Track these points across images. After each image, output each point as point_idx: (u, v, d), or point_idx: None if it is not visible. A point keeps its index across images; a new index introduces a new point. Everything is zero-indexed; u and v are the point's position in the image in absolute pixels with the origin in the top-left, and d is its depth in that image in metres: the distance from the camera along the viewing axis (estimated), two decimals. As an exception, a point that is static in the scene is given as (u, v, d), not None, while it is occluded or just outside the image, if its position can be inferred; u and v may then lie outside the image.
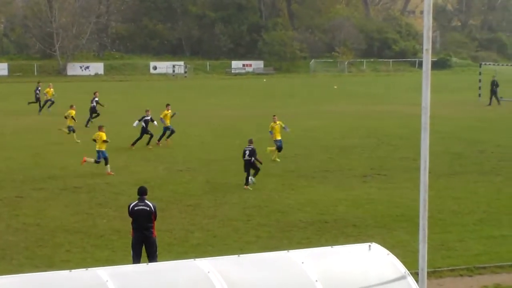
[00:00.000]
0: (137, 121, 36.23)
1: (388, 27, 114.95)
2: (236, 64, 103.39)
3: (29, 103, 53.50)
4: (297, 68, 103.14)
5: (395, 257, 11.15)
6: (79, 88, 75.58)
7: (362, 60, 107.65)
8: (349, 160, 32.13)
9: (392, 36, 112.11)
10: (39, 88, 54.33)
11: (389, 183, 27.57)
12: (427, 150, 11.74)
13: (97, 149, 29.99)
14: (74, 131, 38.40)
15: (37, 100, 53.41)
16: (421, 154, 11.66)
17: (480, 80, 62.63)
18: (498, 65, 78.73)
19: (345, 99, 62.22)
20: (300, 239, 20.21)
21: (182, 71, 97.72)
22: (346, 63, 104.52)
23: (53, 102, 52.22)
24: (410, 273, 11.01)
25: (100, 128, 30.63)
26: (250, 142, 27.96)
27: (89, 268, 10.57)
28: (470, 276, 17.56)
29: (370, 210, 23.43)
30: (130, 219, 17.03)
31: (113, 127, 39.88)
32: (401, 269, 10.99)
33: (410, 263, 13.30)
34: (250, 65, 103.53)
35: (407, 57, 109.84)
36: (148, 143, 35.98)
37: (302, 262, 10.74)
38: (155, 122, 36.43)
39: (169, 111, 37.29)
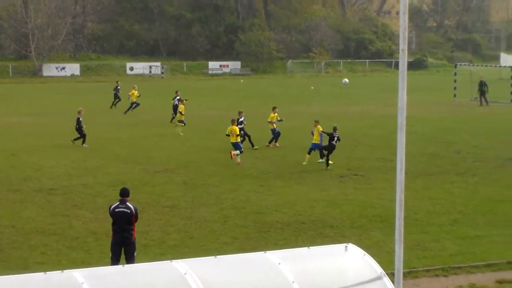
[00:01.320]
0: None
1: (364, 28, 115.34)
2: (213, 65, 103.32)
3: (113, 104, 54.67)
4: (274, 69, 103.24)
5: (371, 257, 11.18)
6: (55, 89, 75.25)
7: (339, 60, 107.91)
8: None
9: (369, 37, 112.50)
10: (118, 87, 55.33)
11: (366, 183, 27.66)
12: (403, 151, 11.77)
13: (232, 141, 32.02)
14: (184, 124, 41.46)
15: (116, 98, 54.65)
16: (398, 154, 11.69)
17: (455, 81, 63.01)
18: (473, 65, 79.23)
19: (322, 100, 62.30)
20: (277, 240, 20.22)
21: (159, 72, 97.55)
22: (323, 63, 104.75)
23: (138, 104, 52.31)
24: (386, 273, 11.04)
25: (233, 122, 32.82)
26: (336, 129, 31.00)
27: (64, 270, 10.51)
28: (446, 276, 17.65)
29: (347, 211, 23.48)
30: (106, 221, 16.95)
31: (89, 128, 39.67)
32: (377, 269, 11.02)
33: (386, 263, 13.35)
34: (227, 66, 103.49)
35: (383, 57, 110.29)
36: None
37: (279, 263, 10.74)
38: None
39: (276, 114, 37.39)
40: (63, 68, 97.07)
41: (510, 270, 18.00)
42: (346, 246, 11.37)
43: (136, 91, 52.53)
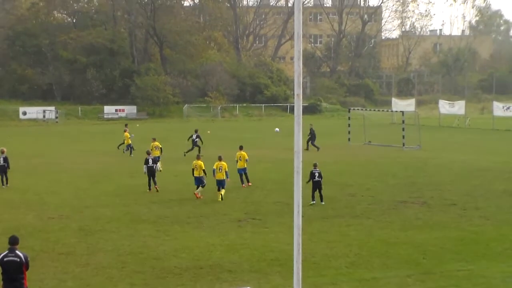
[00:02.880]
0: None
1: (259, 73, 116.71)
2: (108, 109, 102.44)
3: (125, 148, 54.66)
4: (171, 113, 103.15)
5: (271, 301, 11.23)
6: None
7: (235, 105, 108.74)
8: (223, 205, 32.24)
9: (264, 82, 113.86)
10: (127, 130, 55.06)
11: (264, 227, 27.80)
12: (300, 194, 11.93)
13: (196, 176, 34.08)
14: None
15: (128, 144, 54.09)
16: (294, 198, 11.83)
17: (349, 125, 64.31)
18: (366, 110, 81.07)
19: (218, 144, 62.47)
20: (176, 285, 20.07)
21: (53, 116, 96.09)
22: (219, 108, 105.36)
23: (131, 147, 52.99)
24: (286, 317, 11.11)
25: (198, 157, 34.92)
26: (316, 165, 33.09)
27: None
28: (344, 318, 17.84)
29: (245, 255, 23.52)
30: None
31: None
32: (277, 313, 11.06)
33: (286, 307, 13.43)
34: (123, 110, 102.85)
35: (279, 102, 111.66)
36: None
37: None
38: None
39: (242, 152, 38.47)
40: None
41: (405, 311, 18.35)
42: (245, 291, 11.40)
43: (127, 133, 53.08)
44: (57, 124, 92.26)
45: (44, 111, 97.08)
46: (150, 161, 36.85)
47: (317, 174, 32.74)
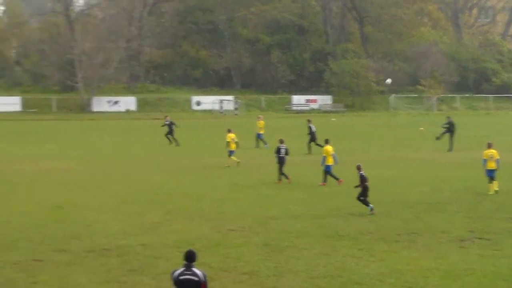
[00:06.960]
0: None
1: (486, 55, 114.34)
2: (297, 100, 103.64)
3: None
4: (373, 105, 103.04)
5: None
6: (106, 127, 76.10)
7: (455, 95, 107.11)
8: (441, 220, 31.79)
9: (492, 66, 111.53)
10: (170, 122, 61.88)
11: (495, 249, 27.17)
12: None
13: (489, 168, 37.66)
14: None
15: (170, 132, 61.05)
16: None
17: None
18: None
19: (433, 144, 61.77)
20: (384, 318, 20.00)
21: (232, 108, 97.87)
22: (434, 98, 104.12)
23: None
24: None
25: (489, 145, 38.57)
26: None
27: None
28: None
29: (470, 283, 23.10)
30: (173, 290, 16.97)
31: (148, 175, 40.01)
32: None
33: None
34: (315, 101, 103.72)
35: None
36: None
37: None
38: None
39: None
40: (116, 102, 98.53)
41: None
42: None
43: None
44: (237, 116, 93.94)
45: (221, 101, 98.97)
46: (283, 150, 40.89)
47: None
